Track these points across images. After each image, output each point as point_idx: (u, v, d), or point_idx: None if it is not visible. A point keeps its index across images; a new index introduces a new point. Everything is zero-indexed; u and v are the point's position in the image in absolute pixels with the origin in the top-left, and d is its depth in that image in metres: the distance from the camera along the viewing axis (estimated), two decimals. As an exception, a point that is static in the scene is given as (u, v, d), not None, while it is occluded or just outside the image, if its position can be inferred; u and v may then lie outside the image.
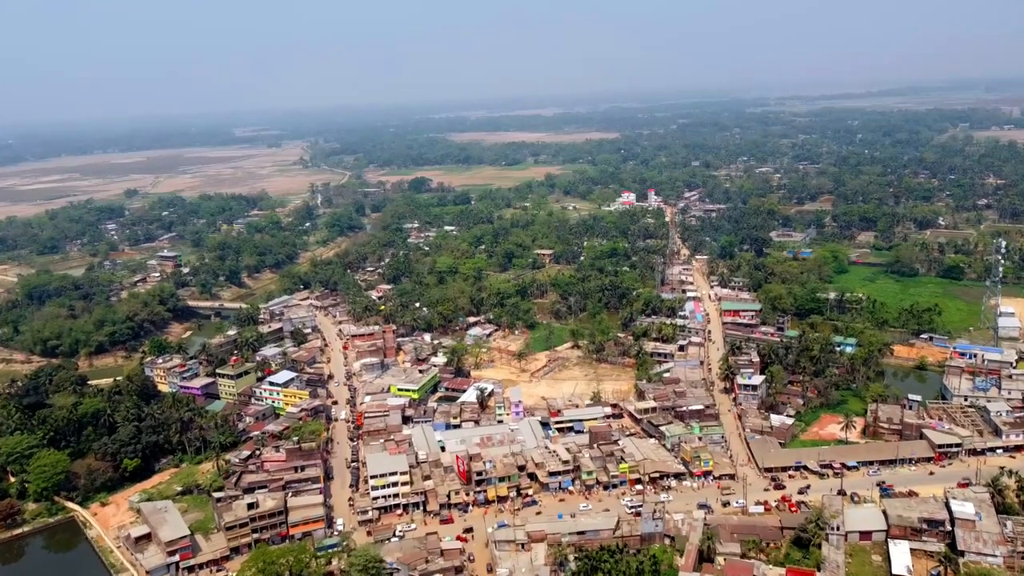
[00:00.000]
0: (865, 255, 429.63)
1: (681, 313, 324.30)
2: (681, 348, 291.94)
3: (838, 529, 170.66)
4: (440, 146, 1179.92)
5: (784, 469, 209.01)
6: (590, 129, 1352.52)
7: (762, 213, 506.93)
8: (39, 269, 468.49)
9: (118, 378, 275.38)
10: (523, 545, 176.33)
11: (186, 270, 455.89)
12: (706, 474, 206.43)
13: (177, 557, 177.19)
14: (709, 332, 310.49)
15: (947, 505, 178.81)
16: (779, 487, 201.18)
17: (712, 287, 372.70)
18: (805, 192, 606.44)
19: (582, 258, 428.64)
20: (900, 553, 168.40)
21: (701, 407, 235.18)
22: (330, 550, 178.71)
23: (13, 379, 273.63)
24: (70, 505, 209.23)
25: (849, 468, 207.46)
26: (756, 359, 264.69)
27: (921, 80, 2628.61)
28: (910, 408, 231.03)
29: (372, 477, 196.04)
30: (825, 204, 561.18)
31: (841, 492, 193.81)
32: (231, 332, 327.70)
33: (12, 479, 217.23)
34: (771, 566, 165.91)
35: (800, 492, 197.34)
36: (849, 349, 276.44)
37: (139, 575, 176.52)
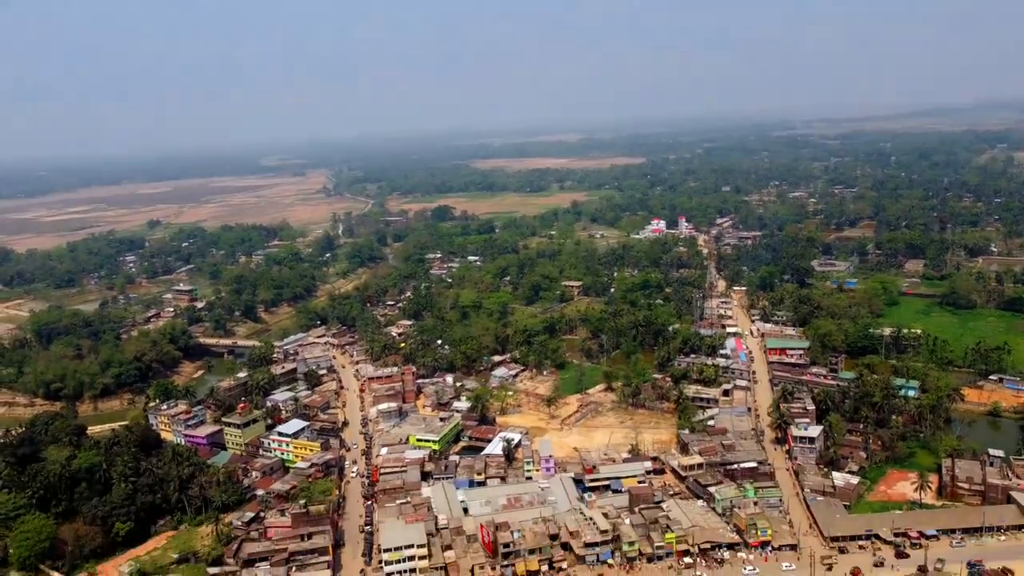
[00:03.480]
0: (916, 286, 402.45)
1: (722, 352, 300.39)
2: (726, 393, 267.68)
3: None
4: (463, 173, 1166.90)
5: (853, 538, 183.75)
6: (615, 154, 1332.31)
7: (801, 241, 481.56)
8: (52, 305, 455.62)
9: (117, 426, 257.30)
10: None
11: (201, 305, 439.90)
12: (764, 544, 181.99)
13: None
14: (754, 373, 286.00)
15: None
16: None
17: (753, 322, 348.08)
18: (843, 218, 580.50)
19: (612, 290, 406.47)
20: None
21: (754, 464, 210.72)
22: None
23: (7, 428, 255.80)
24: (54, 575, 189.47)
25: (928, 537, 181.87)
26: (811, 406, 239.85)
27: (948, 102, 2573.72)
28: (991, 464, 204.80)
29: (386, 551, 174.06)
30: (866, 230, 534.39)
31: (923, 569, 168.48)
32: (242, 374, 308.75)
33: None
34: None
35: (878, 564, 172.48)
36: (912, 393, 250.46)
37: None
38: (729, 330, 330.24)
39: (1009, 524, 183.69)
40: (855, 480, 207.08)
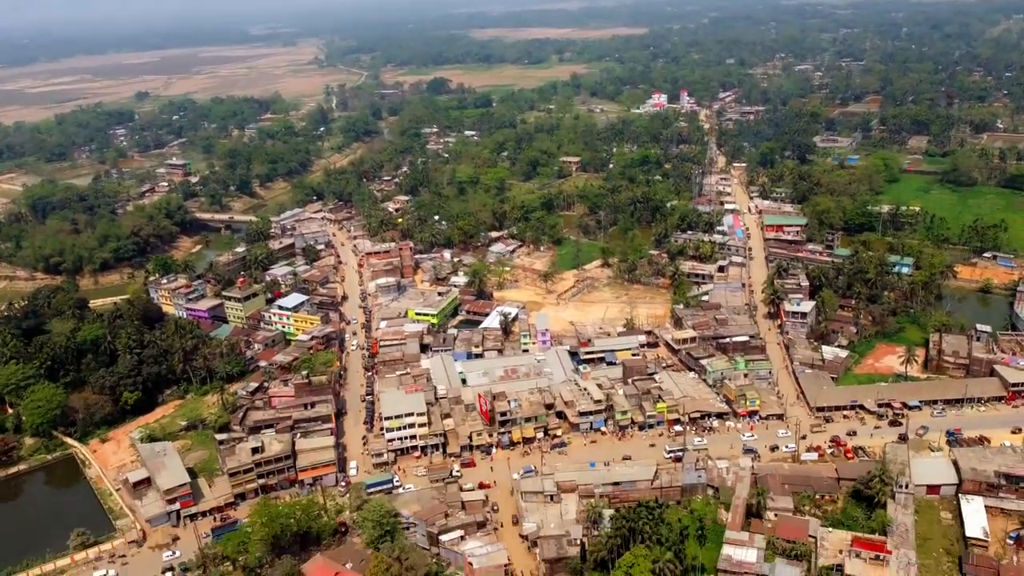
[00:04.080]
0: (918, 163, 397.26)
1: (719, 228, 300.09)
2: (721, 269, 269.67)
3: (906, 487, 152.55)
4: (460, 43, 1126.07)
5: (838, 408, 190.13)
6: (616, 24, 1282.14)
7: (804, 116, 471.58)
8: (45, 178, 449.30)
9: (118, 300, 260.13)
10: (552, 496, 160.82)
11: (195, 179, 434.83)
12: (752, 414, 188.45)
13: (177, 505, 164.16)
14: (750, 250, 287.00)
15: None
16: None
17: (752, 199, 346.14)
18: (849, 92, 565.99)
19: (611, 166, 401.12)
20: (974, 512, 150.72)
21: (746, 338, 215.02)
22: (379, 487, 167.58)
23: (10, 301, 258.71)
24: (68, 441, 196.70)
25: (911, 408, 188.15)
26: (805, 282, 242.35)
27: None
28: (978, 340, 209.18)
29: (387, 419, 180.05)
30: (872, 105, 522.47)
31: (903, 438, 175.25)
32: (240, 249, 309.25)
33: (9, 410, 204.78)
34: (830, 528, 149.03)
35: (849, 434, 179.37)
36: (906, 270, 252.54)
37: (138, 522, 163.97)
38: (727, 207, 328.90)
39: (990, 396, 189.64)
40: (844, 354, 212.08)
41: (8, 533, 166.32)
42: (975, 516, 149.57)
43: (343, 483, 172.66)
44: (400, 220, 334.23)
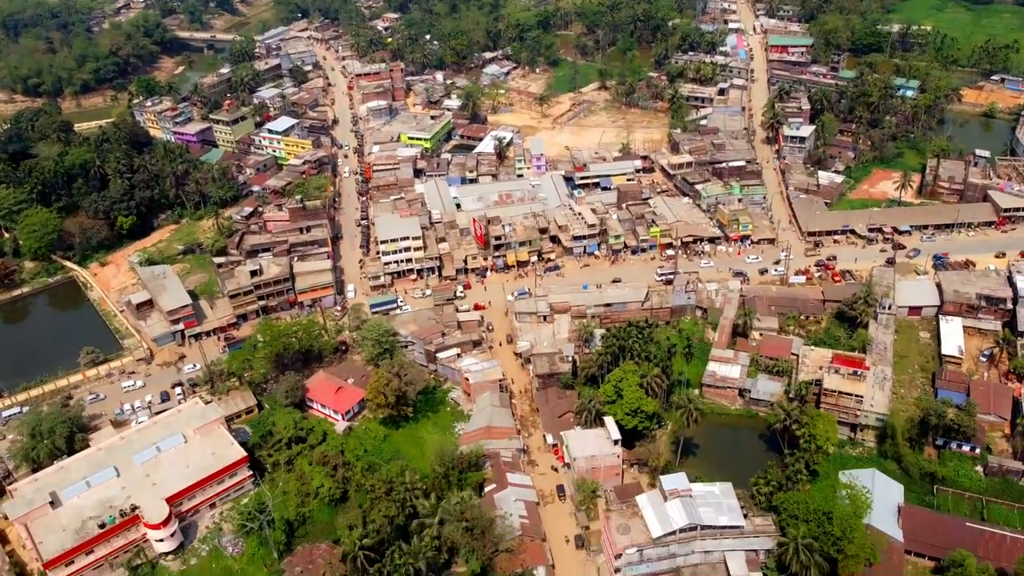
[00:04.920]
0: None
1: (722, 49, 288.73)
2: (721, 92, 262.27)
3: (888, 308, 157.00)
4: None
5: (829, 233, 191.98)
6: None
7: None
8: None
9: (104, 123, 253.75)
10: (545, 317, 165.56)
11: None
12: (744, 239, 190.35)
13: (181, 325, 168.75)
14: (752, 71, 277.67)
15: (1009, 279, 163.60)
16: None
17: (758, 17, 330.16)
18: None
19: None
20: (952, 331, 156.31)
21: (742, 163, 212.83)
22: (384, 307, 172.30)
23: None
24: (68, 264, 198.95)
25: (901, 232, 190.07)
26: (806, 106, 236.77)
27: None
28: (975, 165, 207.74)
29: (383, 242, 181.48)
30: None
31: (891, 261, 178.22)
32: (224, 70, 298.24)
33: (5, 234, 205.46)
34: (812, 346, 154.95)
35: (829, 259, 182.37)
36: (910, 93, 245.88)
37: (145, 342, 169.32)
38: (731, 26, 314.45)
39: (981, 221, 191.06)
40: (839, 179, 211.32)
41: (19, 352, 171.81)
42: (952, 335, 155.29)
43: (341, 306, 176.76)
44: (390, 40, 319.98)
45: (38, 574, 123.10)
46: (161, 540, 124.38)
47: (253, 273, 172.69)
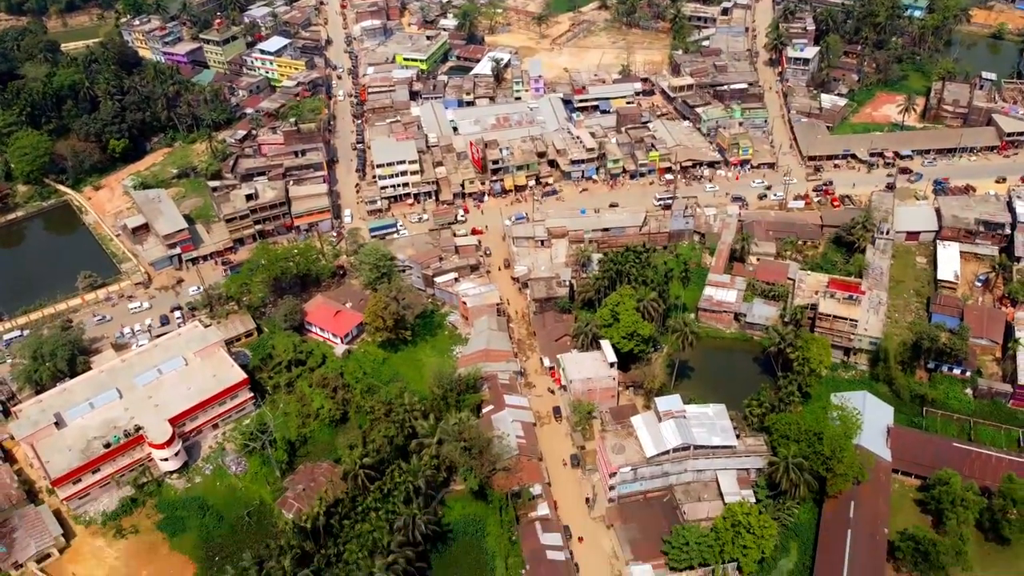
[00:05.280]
0: None
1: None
2: (725, 12, 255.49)
3: (886, 233, 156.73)
4: None
5: (830, 157, 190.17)
6: None
7: None
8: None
9: (91, 43, 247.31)
10: (542, 241, 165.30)
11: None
12: (744, 163, 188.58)
13: (178, 250, 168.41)
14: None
15: (1009, 205, 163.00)
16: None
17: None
18: None
19: None
20: (949, 256, 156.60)
21: (744, 86, 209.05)
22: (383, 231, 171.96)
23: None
24: (62, 188, 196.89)
25: (902, 157, 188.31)
26: (811, 27, 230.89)
27: None
28: (981, 88, 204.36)
29: (379, 166, 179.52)
30: None
31: (891, 187, 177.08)
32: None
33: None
34: (808, 270, 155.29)
35: (826, 184, 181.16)
36: (918, 14, 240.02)
37: (142, 266, 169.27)
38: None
39: (983, 145, 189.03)
40: (842, 102, 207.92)
41: (16, 276, 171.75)
42: (949, 260, 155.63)
43: (337, 230, 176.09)
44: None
45: (47, 491, 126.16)
46: (166, 459, 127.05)
47: (249, 197, 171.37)
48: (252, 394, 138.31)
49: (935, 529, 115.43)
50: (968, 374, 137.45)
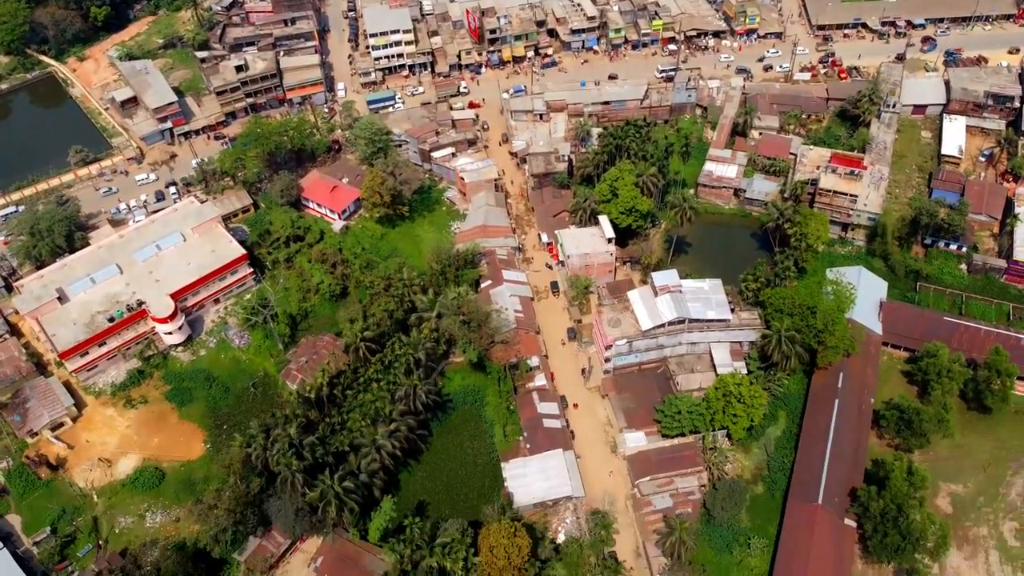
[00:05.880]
0: None
1: None
2: None
3: (894, 106, 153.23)
4: None
5: (840, 27, 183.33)
6: None
7: None
8: None
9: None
10: (541, 115, 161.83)
11: None
12: (750, 32, 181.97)
13: (169, 123, 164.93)
14: None
15: (1020, 77, 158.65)
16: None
17: None
18: None
19: None
20: (954, 130, 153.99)
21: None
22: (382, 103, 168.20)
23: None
24: (45, 59, 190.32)
25: (916, 26, 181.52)
26: None
27: None
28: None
29: (372, 36, 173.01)
30: None
31: (900, 57, 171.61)
32: None
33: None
34: (811, 145, 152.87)
35: (830, 55, 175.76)
36: None
37: (133, 140, 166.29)
38: None
39: (999, 14, 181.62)
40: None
41: (6, 151, 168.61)
42: (954, 135, 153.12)
43: (329, 106, 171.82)
44: None
45: (55, 364, 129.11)
46: (169, 333, 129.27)
47: (239, 68, 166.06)
48: (252, 269, 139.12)
49: (920, 399, 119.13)
50: (964, 249, 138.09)
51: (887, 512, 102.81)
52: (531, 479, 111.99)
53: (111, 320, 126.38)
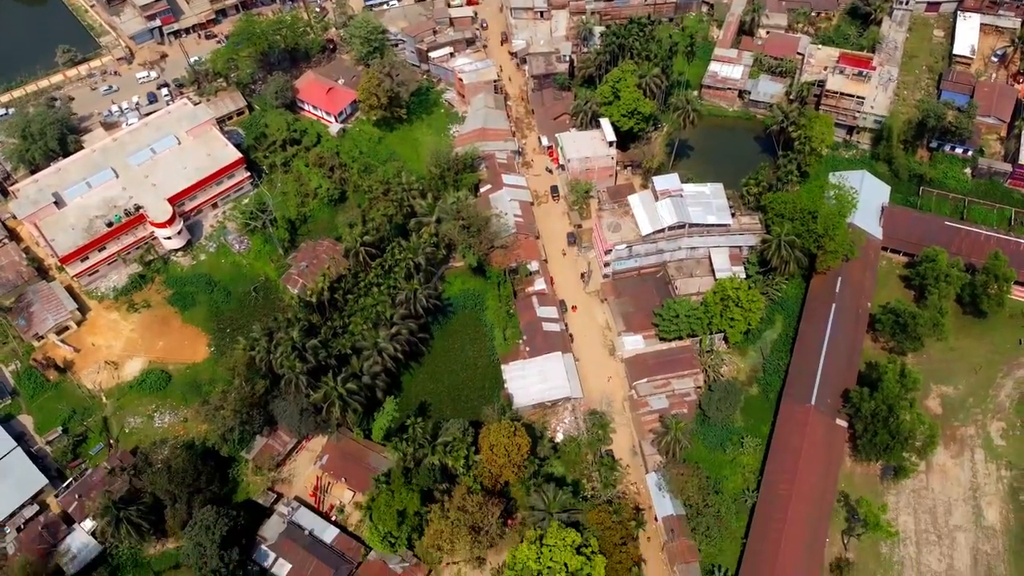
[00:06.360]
0: None
1: None
2: None
3: (906, 3, 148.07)
4: None
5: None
6: None
7: None
8: None
9: None
10: (542, 13, 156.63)
11: None
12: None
13: (158, 22, 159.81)
14: None
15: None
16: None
17: None
18: None
19: None
20: (968, 29, 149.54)
21: None
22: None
23: None
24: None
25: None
26: None
27: None
28: None
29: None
30: None
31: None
32: None
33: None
34: (820, 44, 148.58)
35: None
36: None
37: (122, 40, 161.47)
38: None
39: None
40: None
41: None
42: (967, 34, 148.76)
43: (320, 5, 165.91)
44: None
45: (56, 269, 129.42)
46: (169, 238, 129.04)
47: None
48: (249, 173, 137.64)
49: (916, 304, 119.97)
50: (970, 153, 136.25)
51: (878, 412, 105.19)
52: (530, 381, 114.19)
53: (109, 225, 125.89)
